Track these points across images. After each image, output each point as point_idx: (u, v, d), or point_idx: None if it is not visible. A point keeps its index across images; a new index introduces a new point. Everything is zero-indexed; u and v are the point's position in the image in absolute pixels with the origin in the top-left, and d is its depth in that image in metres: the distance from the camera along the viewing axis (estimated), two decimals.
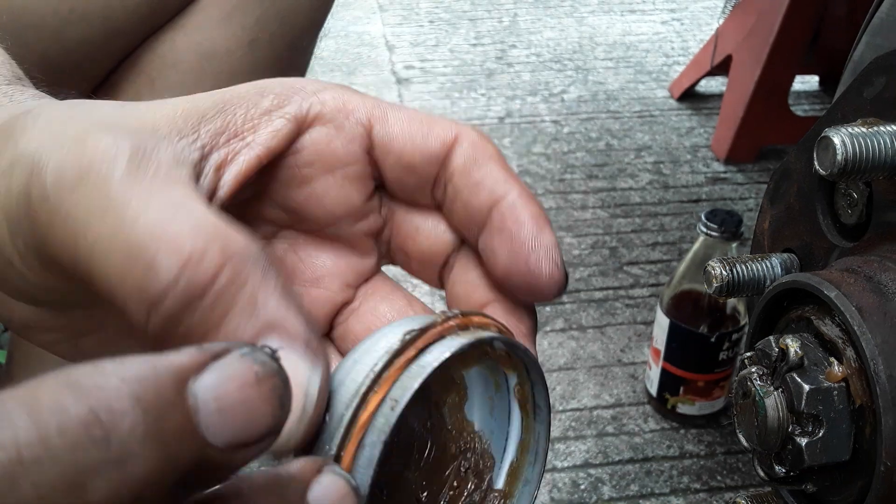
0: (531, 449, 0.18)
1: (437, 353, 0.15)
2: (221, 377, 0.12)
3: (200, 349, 0.12)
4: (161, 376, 0.11)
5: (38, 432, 0.10)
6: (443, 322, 0.16)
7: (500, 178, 0.18)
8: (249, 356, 0.12)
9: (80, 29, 0.36)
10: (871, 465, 0.25)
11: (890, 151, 0.24)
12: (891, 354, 0.24)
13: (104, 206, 0.14)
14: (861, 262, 0.27)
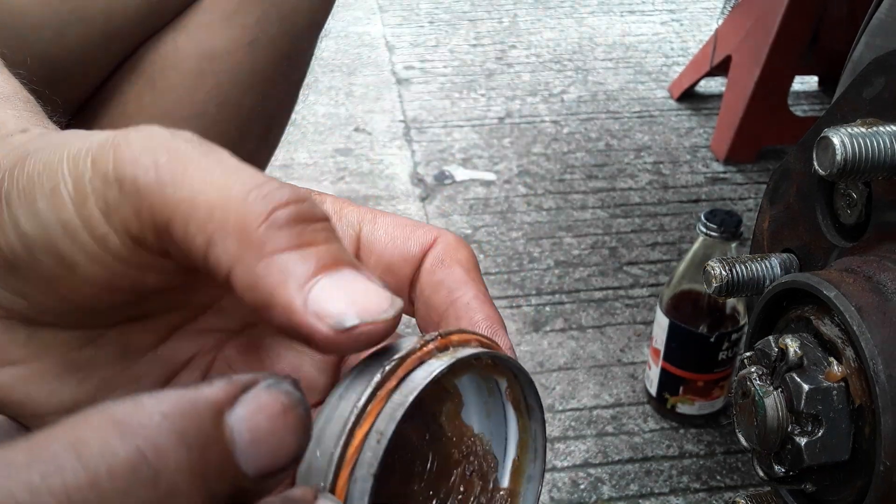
0: (530, 447, 0.19)
1: (419, 380, 0.15)
2: (252, 409, 0.12)
3: (230, 381, 0.12)
4: (200, 410, 0.12)
5: (87, 476, 0.10)
6: (422, 347, 0.16)
7: (461, 280, 0.19)
8: (276, 387, 0.13)
9: (81, 29, 0.35)
10: (871, 465, 0.25)
11: (889, 152, 0.24)
12: (890, 354, 0.24)
13: (200, 161, 0.16)
14: (860, 262, 0.27)
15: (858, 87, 0.28)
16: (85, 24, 0.36)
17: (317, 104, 1.19)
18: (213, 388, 0.12)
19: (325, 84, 1.25)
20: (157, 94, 0.39)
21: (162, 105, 0.39)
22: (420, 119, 1.15)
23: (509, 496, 0.18)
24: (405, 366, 0.16)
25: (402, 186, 1.00)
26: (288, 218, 0.15)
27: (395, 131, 1.12)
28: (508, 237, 0.90)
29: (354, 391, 0.16)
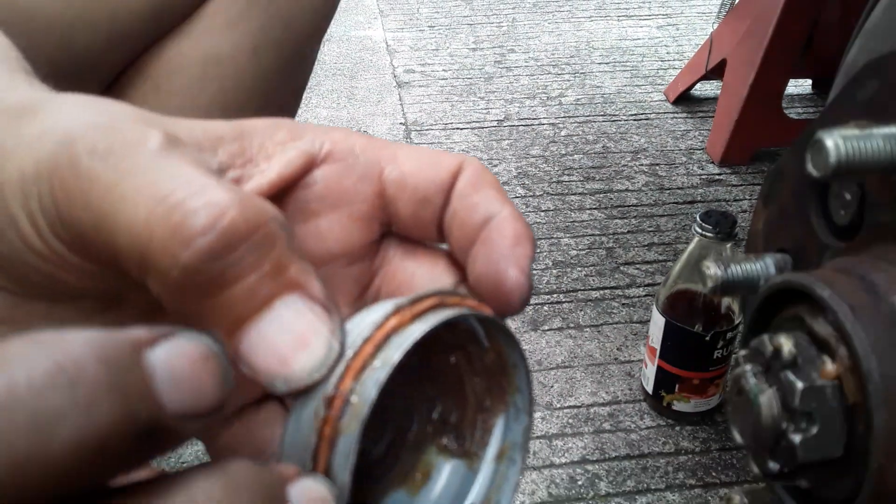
0: (488, 322, 0.18)
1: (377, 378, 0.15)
2: (173, 351, 0.12)
3: (151, 329, 0.12)
4: (120, 343, 0.12)
5: (5, 381, 0.10)
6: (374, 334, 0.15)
7: (495, 200, 0.19)
8: (196, 338, 0.12)
9: (87, 34, 0.36)
10: (864, 462, 0.25)
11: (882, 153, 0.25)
12: (883, 353, 0.25)
13: (139, 166, 0.14)
14: (854, 262, 0.27)
15: (852, 89, 0.29)
16: (90, 28, 0.36)
17: (319, 107, 1.19)
18: (135, 330, 0.12)
19: (327, 87, 1.26)
20: (162, 99, 0.39)
21: (166, 109, 0.39)
22: (420, 122, 1.15)
23: (497, 354, 0.18)
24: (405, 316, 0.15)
25: None
26: (200, 257, 0.13)
27: (396, 134, 1.13)
28: None
29: None
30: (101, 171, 0.14)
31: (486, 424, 0.19)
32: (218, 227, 0.13)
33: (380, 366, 0.15)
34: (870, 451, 0.25)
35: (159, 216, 0.13)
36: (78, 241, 0.15)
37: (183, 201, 0.13)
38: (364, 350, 0.15)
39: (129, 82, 0.40)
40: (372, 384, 0.15)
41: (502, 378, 0.19)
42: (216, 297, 0.14)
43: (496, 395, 0.19)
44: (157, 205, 0.14)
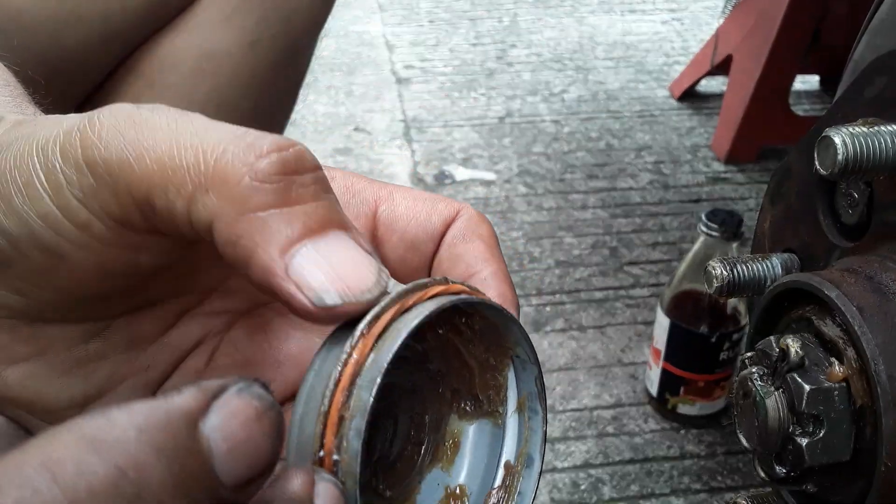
0: None
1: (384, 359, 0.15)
2: (226, 415, 0.12)
3: (199, 388, 0.12)
4: (174, 422, 0.11)
5: (67, 498, 0.10)
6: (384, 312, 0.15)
7: (480, 256, 0.19)
8: (246, 391, 0.12)
9: (80, 31, 0.35)
10: (872, 466, 0.25)
11: (891, 151, 0.24)
12: (891, 355, 0.24)
13: (188, 116, 0.15)
14: (862, 262, 0.27)
15: (860, 86, 0.28)
16: (83, 25, 0.36)
17: (316, 103, 1.19)
18: (185, 397, 0.12)
19: (325, 83, 1.25)
20: (156, 95, 0.39)
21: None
22: (420, 118, 1.15)
23: (483, 320, 0.18)
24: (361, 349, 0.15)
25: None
26: (272, 168, 0.14)
27: (395, 131, 1.12)
28: (509, 237, 0.90)
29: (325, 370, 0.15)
30: (151, 115, 0.15)
31: (497, 381, 0.19)
32: (289, 150, 0.15)
33: (398, 329, 0.15)
34: (878, 454, 0.24)
35: (233, 137, 0.14)
36: (104, 187, 0.15)
37: (255, 133, 0.15)
38: (365, 340, 0.15)
39: (123, 79, 0.39)
40: (367, 392, 0.15)
41: (498, 336, 0.18)
42: (278, 211, 0.14)
43: (498, 351, 0.19)
44: (229, 132, 0.15)
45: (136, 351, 0.19)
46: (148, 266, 0.17)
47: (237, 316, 0.20)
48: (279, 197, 0.14)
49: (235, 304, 0.20)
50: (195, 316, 0.20)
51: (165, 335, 0.19)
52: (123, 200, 0.15)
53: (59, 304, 0.17)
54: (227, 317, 0.20)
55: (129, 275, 0.17)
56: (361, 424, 0.14)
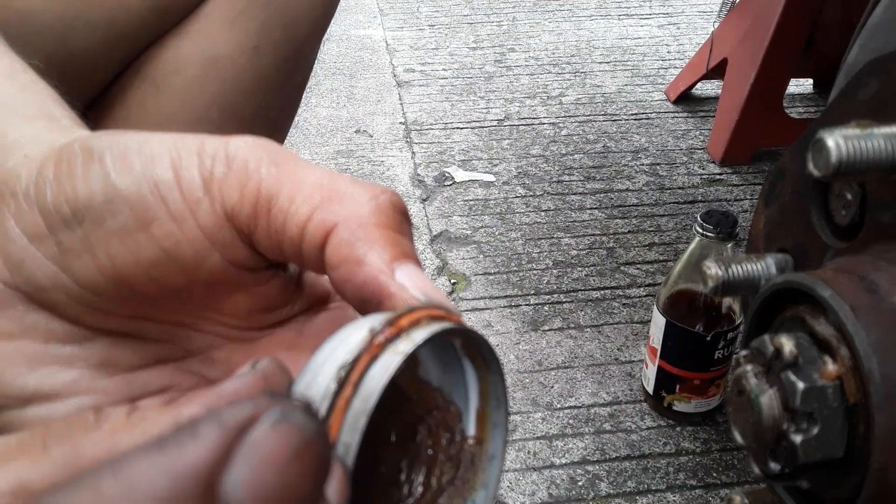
0: (491, 395, 0.18)
1: (376, 382, 0.15)
2: (255, 464, 0.09)
3: (220, 426, 0.09)
4: (185, 489, 0.09)
5: None
6: (372, 340, 0.15)
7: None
8: (284, 422, 0.10)
9: (85, 35, 0.36)
10: (865, 463, 0.25)
11: (883, 153, 0.25)
12: (884, 353, 0.25)
13: (300, 159, 0.18)
14: (854, 262, 0.27)
15: (853, 89, 0.29)
16: (88, 29, 0.36)
17: (318, 107, 1.19)
18: (201, 445, 0.09)
19: (327, 87, 1.26)
20: (161, 99, 0.39)
21: (165, 109, 0.39)
22: (420, 121, 1.15)
23: (477, 443, 0.18)
24: (359, 368, 0.15)
25: (403, 188, 1.00)
26: (390, 204, 0.18)
27: (396, 133, 1.13)
28: (507, 238, 0.90)
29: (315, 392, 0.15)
30: (281, 147, 0.18)
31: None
32: (397, 198, 0.18)
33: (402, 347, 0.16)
34: (871, 451, 0.25)
35: (353, 181, 0.18)
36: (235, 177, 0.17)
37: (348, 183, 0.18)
38: (412, 315, 0.16)
39: (128, 83, 0.39)
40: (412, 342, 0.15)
41: (470, 472, 0.18)
42: (389, 232, 0.17)
43: (457, 489, 0.18)
44: (352, 179, 0.18)
45: (102, 373, 0.19)
46: (206, 274, 0.18)
47: (206, 382, 0.21)
48: (393, 224, 0.17)
49: (212, 373, 0.20)
50: (170, 367, 0.20)
51: (136, 371, 0.20)
52: (248, 193, 0.17)
53: (82, 285, 0.18)
54: (197, 379, 0.20)
55: (182, 272, 0.18)
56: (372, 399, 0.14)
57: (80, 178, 0.17)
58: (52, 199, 0.17)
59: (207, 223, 0.17)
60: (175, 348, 0.20)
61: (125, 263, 0.17)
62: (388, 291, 0.17)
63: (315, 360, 0.16)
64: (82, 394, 0.19)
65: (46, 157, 0.18)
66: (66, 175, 0.17)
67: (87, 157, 0.17)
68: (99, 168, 0.17)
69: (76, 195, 0.17)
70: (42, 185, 0.17)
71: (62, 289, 0.18)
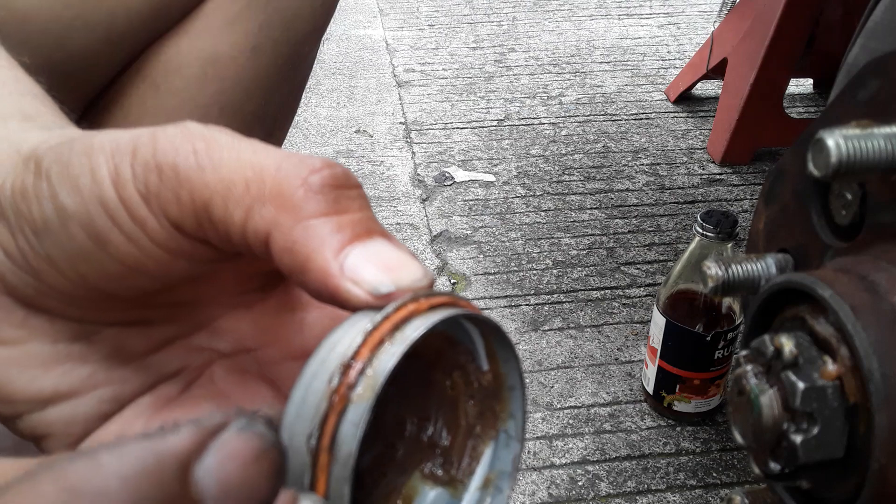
0: (493, 337, 0.18)
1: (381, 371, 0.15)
2: (223, 457, 0.11)
3: (198, 426, 0.12)
4: (165, 466, 0.11)
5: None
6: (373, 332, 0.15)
7: None
8: (248, 429, 0.12)
9: (84, 35, 0.36)
10: (865, 463, 0.25)
11: (884, 153, 0.25)
12: (884, 353, 0.25)
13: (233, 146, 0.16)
14: (855, 262, 0.27)
15: (853, 89, 0.28)
16: (88, 29, 0.36)
17: (318, 107, 1.19)
18: (180, 437, 0.11)
19: (327, 87, 1.26)
20: (160, 99, 0.39)
21: (165, 109, 0.39)
22: (420, 121, 1.15)
23: (494, 376, 0.18)
24: (328, 430, 0.15)
25: (403, 188, 1.00)
26: (323, 183, 0.16)
27: (396, 133, 1.13)
28: (507, 238, 0.90)
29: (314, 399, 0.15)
30: (216, 133, 0.17)
31: (475, 451, 0.18)
32: (335, 168, 0.16)
33: (398, 341, 0.15)
34: (871, 451, 0.25)
35: (287, 156, 0.16)
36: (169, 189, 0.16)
37: (306, 154, 0.17)
38: (382, 326, 0.15)
39: (128, 82, 0.39)
40: (388, 357, 0.15)
41: (496, 402, 0.18)
42: (329, 219, 0.16)
43: (488, 420, 0.18)
44: (283, 153, 0.16)
45: (116, 364, 0.19)
46: (178, 274, 0.18)
47: (219, 356, 0.21)
48: (330, 207, 0.16)
49: (221, 344, 0.20)
50: (180, 346, 0.20)
51: (148, 357, 0.20)
52: (184, 204, 0.16)
53: (67, 294, 0.18)
54: (209, 354, 0.20)
55: (154, 279, 0.18)
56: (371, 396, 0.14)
57: (32, 197, 0.17)
58: (14, 218, 0.17)
59: (160, 238, 0.17)
60: (180, 326, 0.20)
61: (95, 278, 0.17)
62: (342, 297, 0.16)
63: (286, 417, 0.15)
64: (100, 387, 0.19)
65: (13, 165, 0.17)
66: (20, 194, 0.17)
67: (36, 173, 0.17)
68: (47, 187, 0.17)
69: (32, 216, 0.17)
70: (5, 202, 0.17)
71: (48, 296, 0.18)
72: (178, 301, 0.19)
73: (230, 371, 0.20)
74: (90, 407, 0.19)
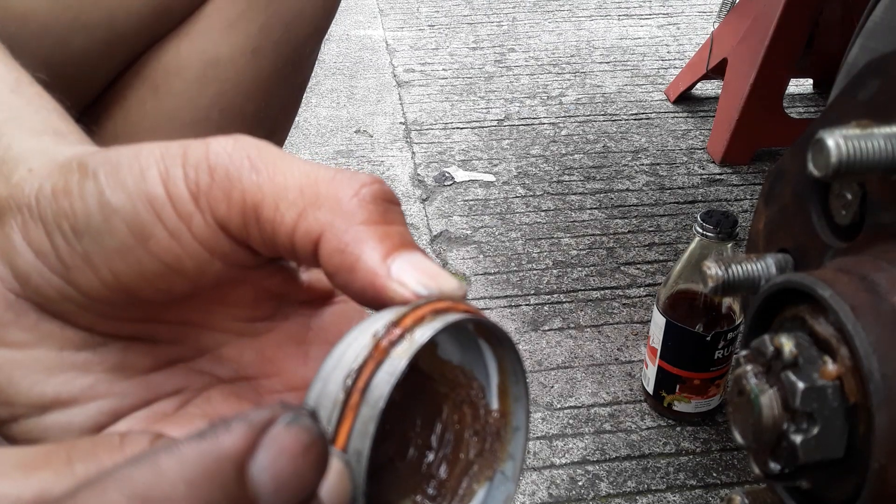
0: (509, 370, 0.19)
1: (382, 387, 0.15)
2: (274, 453, 0.12)
3: (249, 424, 0.12)
4: (223, 468, 0.11)
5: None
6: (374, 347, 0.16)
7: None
8: (295, 424, 0.12)
9: (84, 37, 0.36)
10: (865, 463, 0.25)
11: (884, 153, 0.25)
12: (884, 353, 0.25)
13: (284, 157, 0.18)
14: (854, 262, 0.27)
15: (853, 89, 0.29)
16: (88, 31, 0.36)
17: (319, 107, 1.19)
18: (233, 437, 0.12)
19: (327, 87, 1.26)
20: (160, 101, 0.39)
21: (165, 111, 0.39)
22: (420, 121, 1.15)
23: (501, 416, 0.19)
24: (364, 375, 0.16)
25: (403, 188, 1.00)
26: (374, 195, 0.17)
27: (396, 133, 1.13)
28: (507, 238, 0.90)
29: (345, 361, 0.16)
30: (266, 145, 0.18)
31: (469, 489, 0.19)
32: (383, 185, 0.18)
33: (438, 320, 0.16)
34: (871, 451, 0.25)
35: (338, 170, 0.18)
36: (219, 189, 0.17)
37: (353, 171, 0.18)
38: (425, 307, 0.16)
39: (128, 84, 0.39)
40: (427, 330, 0.16)
41: (498, 443, 0.19)
42: (377, 227, 0.17)
43: (487, 460, 0.19)
44: (332, 168, 0.18)
45: (118, 377, 0.19)
46: (212, 277, 0.18)
47: (219, 381, 0.21)
48: (379, 217, 0.17)
49: (222, 371, 0.21)
50: (182, 368, 0.20)
51: (150, 374, 0.20)
52: (234, 204, 0.17)
53: (91, 296, 0.18)
54: (210, 379, 0.21)
55: (186, 280, 0.18)
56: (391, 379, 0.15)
57: (76, 195, 0.17)
58: (52, 215, 0.17)
59: (203, 235, 0.17)
60: (186, 349, 0.20)
61: (128, 278, 0.18)
62: (387, 295, 0.17)
63: (324, 368, 0.16)
64: (100, 398, 0.19)
65: (49, 172, 0.18)
66: (62, 192, 0.17)
67: (82, 173, 0.17)
68: (93, 185, 0.17)
69: (74, 212, 0.17)
70: (43, 202, 0.18)
71: (70, 300, 0.18)
72: (187, 322, 0.20)
73: (228, 396, 0.21)
74: (87, 416, 0.19)
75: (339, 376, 0.16)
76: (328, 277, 0.17)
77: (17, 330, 0.18)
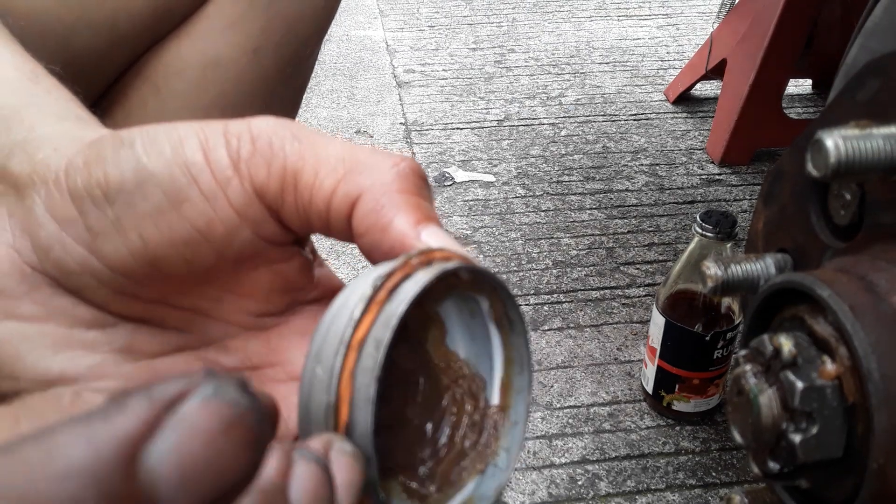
0: (515, 361, 0.19)
1: (409, 289, 0.16)
2: (182, 437, 0.09)
3: (149, 398, 0.10)
4: (104, 458, 0.09)
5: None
6: (405, 263, 0.17)
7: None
8: (214, 399, 0.10)
9: (86, 37, 0.36)
10: (864, 463, 0.25)
11: (882, 153, 0.25)
12: (883, 353, 0.25)
13: (322, 134, 0.18)
14: (853, 262, 0.27)
15: (852, 89, 0.29)
16: (90, 31, 0.36)
17: (319, 107, 1.19)
18: (125, 418, 0.09)
19: (328, 87, 1.26)
20: (162, 101, 0.39)
21: (166, 111, 0.39)
22: (420, 122, 1.16)
23: (500, 410, 0.19)
24: (393, 279, 0.16)
25: None
26: (410, 169, 0.18)
27: (396, 134, 1.13)
28: (507, 238, 0.91)
29: (347, 307, 0.16)
30: (303, 125, 0.19)
31: (460, 479, 0.19)
32: (417, 163, 0.19)
33: (434, 267, 0.16)
34: (870, 451, 0.25)
35: (375, 149, 0.19)
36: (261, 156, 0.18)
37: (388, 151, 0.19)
38: (420, 256, 0.17)
39: (129, 84, 0.40)
40: (424, 275, 0.16)
41: (493, 438, 0.19)
42: (412, 196, 0.18)
43: (481, 453, 0.19)
44: (373, 147, 0.19)
45: (124, 359, 0.19)
46: (237, 247, 0.18)
47: (223, 369, 0.21)
48: (413, 188, 0.18)
49: (227, 360, 0.21)
50: (188, 355, 0.20)
51: (155, 359, 0.20)
52: (273, 171, 0.18)
53: (114, 267, 0.18)
54: (214, 367, 0.21)
55: (213, 249, 0.18)
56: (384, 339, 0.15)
57: (110, 162, 0.18)
58: (83, 184, 0.18)
59: (238, 201, 0.18)
60: (194, 337, 0.20)
61: (157, 243, 0.18)
62: None
63: (337, 300, 0.17)
64: (105, 378, 0.19)
65: (78, 150, 0.18)
66: (95, 160, 0.18)
67: (117, 143, 0.18)
68: (130, 152, 0.17)
69: (107, 178, 0.17)
70: (73, 172, 0.18)
71: (91, 272, 0.18)
72: (197, 310, 0.20)
73: None
74: (90, 396, 0.19)
75: (337, 328, 0.16)
76: (356, 238, 0.18)
77: (30, 303, 0.18)
